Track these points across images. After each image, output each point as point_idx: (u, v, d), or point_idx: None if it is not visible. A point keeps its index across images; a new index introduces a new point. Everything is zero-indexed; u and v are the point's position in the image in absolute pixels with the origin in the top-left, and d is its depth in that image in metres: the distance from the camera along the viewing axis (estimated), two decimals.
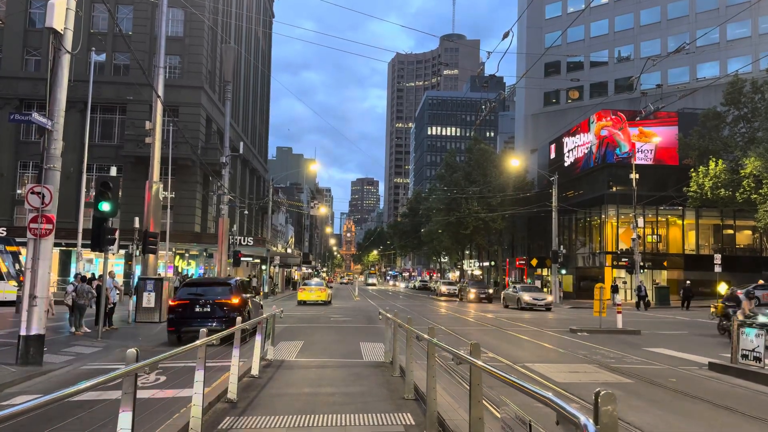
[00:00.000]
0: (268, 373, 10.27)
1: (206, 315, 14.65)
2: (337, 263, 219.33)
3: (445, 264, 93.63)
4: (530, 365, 11.87)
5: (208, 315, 14.67)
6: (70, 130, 27.36)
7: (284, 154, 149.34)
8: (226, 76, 34.73)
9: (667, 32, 61.05)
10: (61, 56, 11.44)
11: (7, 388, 9.01)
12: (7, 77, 41.29)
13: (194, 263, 45.72)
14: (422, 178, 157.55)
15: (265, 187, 68.00)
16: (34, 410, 2.79)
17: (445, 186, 61.29)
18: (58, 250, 36.86)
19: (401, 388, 8.64)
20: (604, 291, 20.71)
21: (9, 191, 41.60)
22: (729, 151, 37.79)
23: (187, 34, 43.99)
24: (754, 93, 37.18)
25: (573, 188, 51.62)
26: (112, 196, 14.43)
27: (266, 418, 7.03)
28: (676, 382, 10.36)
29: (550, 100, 69.63)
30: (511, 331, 19.88)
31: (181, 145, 37.97)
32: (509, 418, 3.16)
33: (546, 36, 66.73)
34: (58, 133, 11.37)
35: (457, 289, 50.99)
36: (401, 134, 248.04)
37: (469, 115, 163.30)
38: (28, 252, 11.12)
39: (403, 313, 17.54)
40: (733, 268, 40.39)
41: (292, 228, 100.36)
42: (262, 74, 71.63)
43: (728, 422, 7.75)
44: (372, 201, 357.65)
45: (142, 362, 4.16)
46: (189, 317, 14.55)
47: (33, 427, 6.03)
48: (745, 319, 12.60)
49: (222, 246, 31.86)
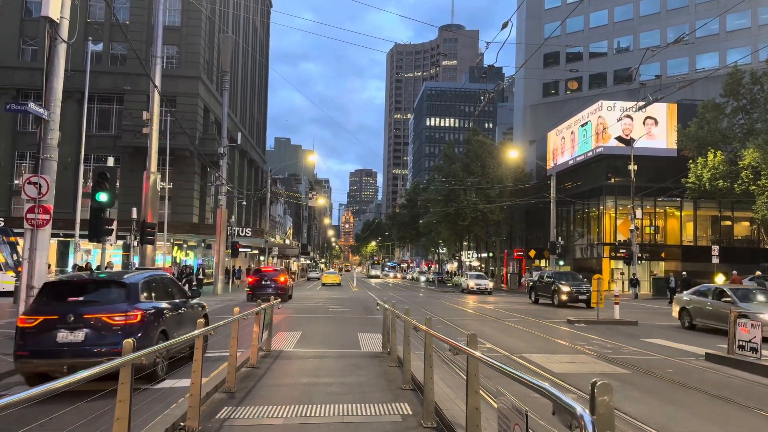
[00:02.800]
0: (266, 363, 10.29)
1: (269, 286, 28.19)
2: (335, 254, 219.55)
3: (443, 255, 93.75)
4: (527, 356, 11.91)
5: (270, 286, 28.19)
6: (67, 120, 27.30)
7: (282, 145, 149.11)
8: (224, 66, 34.59)
9: (667, 23, 60.87)
10: (58, 46, 11.37)
11: (5, 378, 9.02)
12: (4, 67, 41.07)
13: (192, 254, 45.73)
14: (421, 170, 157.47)
15: (263, 177, 67.90)
16: (32, 400, 2.79)
17: (443, 177, 61.24)
18: (56, 240, 36.81)
19: (399, 379, 8.67)
20: (601, 282, 20.77)
21: (6, 181, 41.49)
22: (727, 142, 37.74)
23: (184, 24, 43.75)
24: (753, 84, 37.08)
25: (571, 179, 51.61)
26: (109, 187, 14.40)
27: (264, 408, 7.05)
28: (673, 372, 10.40)
29: (549, 91, 69.48)
30: (508, 321, 19.93)
31: (178, 135, 37.88)
32: (506, 409, 3.17)
33: (545, 26, 66.49)
34: (54, 123, 11.32)
35: (488, 284, 43.04)
36: (400, 125, 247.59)
37: (467, 106, 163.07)
38: (25, 242, 11.11)
39: None
40: (730, 260, 40.46)
41: (291, 219, 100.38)
42: (260, 64, 71.32)
43: (724, 412, 7.79)
44: (370, 192, 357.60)
45: (139, 352, 4.16)
46: (260, 288, 27.84)
47: (31, 418, 6.05)
48: None
49: (220, 237, 31.87)
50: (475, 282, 42.13)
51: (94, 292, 9.06)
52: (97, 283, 9.37)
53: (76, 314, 8.23)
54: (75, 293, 8.92)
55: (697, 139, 38.26)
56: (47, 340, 8.11)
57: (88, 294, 8.98)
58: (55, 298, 8.71)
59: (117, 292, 8.93)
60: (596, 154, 46.50)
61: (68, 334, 8.13)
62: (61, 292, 8.92)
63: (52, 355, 8.11)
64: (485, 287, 41.73)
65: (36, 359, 8.15)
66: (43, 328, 8.18)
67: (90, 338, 8.16)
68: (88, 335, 8.16)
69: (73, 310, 8.31)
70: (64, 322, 8.15)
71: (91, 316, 8.29)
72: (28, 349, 8.18)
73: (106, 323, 8.32)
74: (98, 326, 8.26)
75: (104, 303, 8.66)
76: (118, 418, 4.12)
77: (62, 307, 8.39)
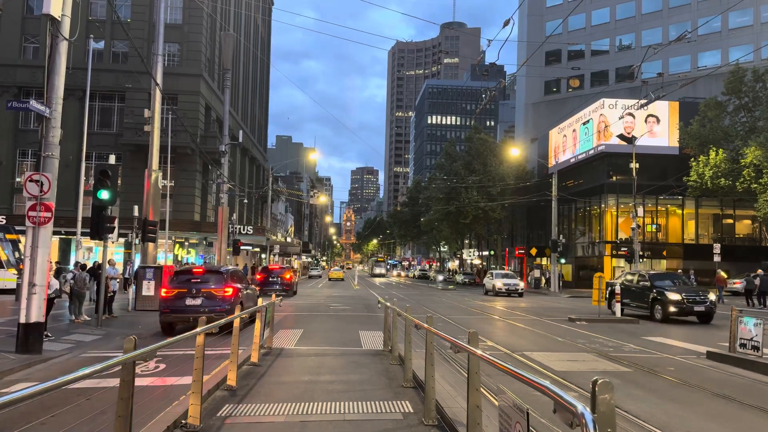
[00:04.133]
0: (268, 361, 10.30)
1: (276, 283, 31.58)
2: (336, 252, 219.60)
3: (444, 253, 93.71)
4: (529, 354, 11.91)
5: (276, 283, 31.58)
6: (69, 118, 27.29)
7: (284, 143, 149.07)
8: (225, 63, 34.53)
9: (669, 21, 60.72)
10: (59, 43, 11.36)
11: (6, 375, 9.04)
12: (5, 65, 41.07)
13: (194, 252, 45.76)
14: (422, 168, 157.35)
15: (264, 175, 67.91)
16: (33, 397, 2.79)
17: (444, 175, 61.23)
18: (58, 238, 36.86)
19: (400, 376, 8.67)
20: (603, 280, 20.77)
21: (8, 179, 41.52)
22: (729, 140, 37.67)
23: (185, 22, 43.72)
24: (755, 82, 37.01)
25: (573, 177, 51.55)
26: (111, 185, 14.40)
27: (265, 406, 7.05)
28: (674, 370, 10.39)
29: (551, 89, 69.38)
30: (509, 320, 19.93)
31: (180, 133, 37.85)
32: (507, 406, 3.17)
33: (547, 24, 66.35)
34: (56, 120, 11.32)
35: (519, 284, 36.73)
36: (401, 123, 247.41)
37: (469, 104, 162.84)
38: (27, 240, 11.11)
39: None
40: (732, 258, 40.43)
41: (292, 217, 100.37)
42: (262, 62, 71.29)
43: (726, 411, 7.78)
44: (372, 190, 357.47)
45: (140, 350, 4.16)
46: (268, 284, 30.97)
47: (32, 415, 6.06)
48: None
49: (221, 235, 31.87)
50: (503, 282, 36.31)
51: (205, 276, 14.88)
52: (207, 271, 15.37)
53: (196, 289, 14.31)
54: (194, 277, 14.85)
55: (699, 137, 38.19)
56: (180, 303, 14.07)
57: (202, 277, 14.83)
58: (183, 279, 14.76)
59: (218, 276, 14.95)
60: (598, 152, 46.44)
61: (192, 300, 14.17)
62: (186, 276, 15.00)
63: (182, 311, 13.96)
64: (515, 288, 35.80)
65: (173, 314, 14.06)
66: (177, 297, 14.14)
67: (204, 303, 14.14)
68: (203, 301, 14.17)
69: (194, 286, 14.38)
70: (190, 293, 14.22)
71: (205, 290, 14.31)
72: (168, 308, 14.06)
73: (214, 294, 14.32)
74: (209, 296, 14.27)
75: (212, 283, 14.59)
76: (120, 415, 4.12)
77: (188, 284, 14.45)
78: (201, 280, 14.56)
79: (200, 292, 14.14)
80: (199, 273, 15.04)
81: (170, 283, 14.80)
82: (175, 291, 14.16)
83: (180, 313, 13.90)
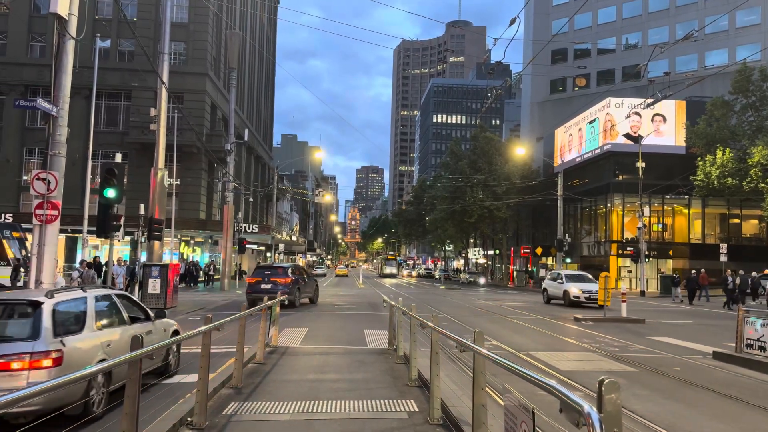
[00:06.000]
0: (273, 360, 10.32)
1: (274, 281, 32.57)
2: (341, 251, 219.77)
3: (449, 252, 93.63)
4: (534, 353, 11.90)
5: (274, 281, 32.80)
6: (75, 116, 27.33)
7: (289, 142, 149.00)
8: (231, 62, 34.66)
9: (676, 19, 60.44)
10: (66, 42, 11.41)
11: None
12: (12, 63, 41.25)
13: (200, 250, 45.89)
14: (427, 166, 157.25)
15: (270, 174, 67.99)
16: (39, 395, 2.81)
17: (450, 174, 61.15)
18: (64, 236, 36.94)
19: (405, 375, 8.67)
20: (608, 280, 20.70)
21: (15, 177, 41.69)
22: (736, 139, 37.45)
23: (191, 20, 43.80)
24: (762, 81, 36.78)
25: (578, 177, 51.41)
26: (117, 183, 14.47)
27: (271, 404, 7.07)
28: (680, 370, 10.35)
29: (557, 88, 69.20)
30: (514, 319, 19.90)
31: (186, 132, 37.92)
32: (512, 406, 3.16)
33: (553, 23, 66.18)
34: (63, 119, 11.37)
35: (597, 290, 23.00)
36: (406, 122, 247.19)
37: (474, 102, 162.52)
38: (34, 238, 11.17)
39: None
40: (739, 258, 40.20)
41: (297, 216, 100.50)
42: (267, 61, 71.36)
43: (732, 411, 7.75)
44: (377, 189, 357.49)
45: (145, 348, 4.18)
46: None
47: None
48: None
49: (227, 233, 31.95)
50: (581, 288, 26.31)
51: (274, 269, 23.38)
52: (275, 267, 24.25)
53: (268, 278, 22.26)
54: (268, 270, 23.36)
55: (705, 137, 37.99)
56: (258, 287, 21.83)
57: (272, 270, 23.28)
58: (260, 272, 23.29)
59: (283, 269, 23.41)
60: (604, 151, 46.29)
61: (266, 285, 21.64)
62: (262, 269, 23.72)
63: (260, 292, 19.97)
64: (597, 296, 22.61)
65: (254, 294, 21.00)
66: (257, 282, 22.35)
67: (273, 287, 21.15)
68: (272, 286, 21.41)
69: (267, 276, 22.52)
70: (264, 279, 22.25)
71: (274, 279, 22.14)
72: (251, 290, 22.04)
73: (278, 282, 21.93)
74: (276, 282, 21.93)
75: (279, 274, 22.63)
76: (126, 413, 4.14)
77: (263, 274, 22.81)
78: (271, 272, 22.68)
79: (270, 280, 21.94)
80: (270, 267, 23.76)
81: (252, 274, 24.04)
82: (255, 279, 22.68)
83: (257, 293, 20.13)
